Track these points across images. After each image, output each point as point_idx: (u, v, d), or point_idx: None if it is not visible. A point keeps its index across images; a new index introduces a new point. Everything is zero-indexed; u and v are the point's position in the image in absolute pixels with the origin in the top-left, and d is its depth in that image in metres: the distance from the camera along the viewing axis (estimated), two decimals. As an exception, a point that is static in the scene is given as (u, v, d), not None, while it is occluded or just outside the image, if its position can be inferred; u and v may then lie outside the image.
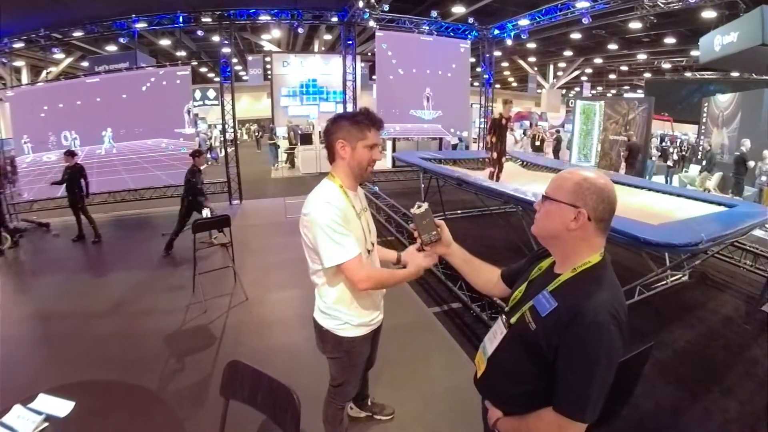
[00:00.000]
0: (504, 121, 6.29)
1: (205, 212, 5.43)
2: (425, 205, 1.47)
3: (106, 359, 3.42)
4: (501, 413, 1.27)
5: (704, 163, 9.64)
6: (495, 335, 1.32)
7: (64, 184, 6.67)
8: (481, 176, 6.06)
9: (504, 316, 1.32)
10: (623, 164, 10.06)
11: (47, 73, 11.91)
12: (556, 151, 14.06)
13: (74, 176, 6.63)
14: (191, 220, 5.19)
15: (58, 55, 13.44)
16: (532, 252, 1.42)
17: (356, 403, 2.61)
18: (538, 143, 13.46)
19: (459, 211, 7.59)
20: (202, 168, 6.10)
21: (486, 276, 1.55)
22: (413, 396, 2.90)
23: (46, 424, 1.46)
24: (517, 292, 1.32)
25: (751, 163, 8.52)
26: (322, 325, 1.94)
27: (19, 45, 9.03)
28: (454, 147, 12.48)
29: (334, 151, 1.82)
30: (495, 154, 6.32)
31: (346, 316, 1.89)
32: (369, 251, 1.93)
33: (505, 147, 6.43)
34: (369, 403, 2.64)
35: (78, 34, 8.95)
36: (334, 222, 1.71)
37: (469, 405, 1.41)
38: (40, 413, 1.48)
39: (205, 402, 2.80)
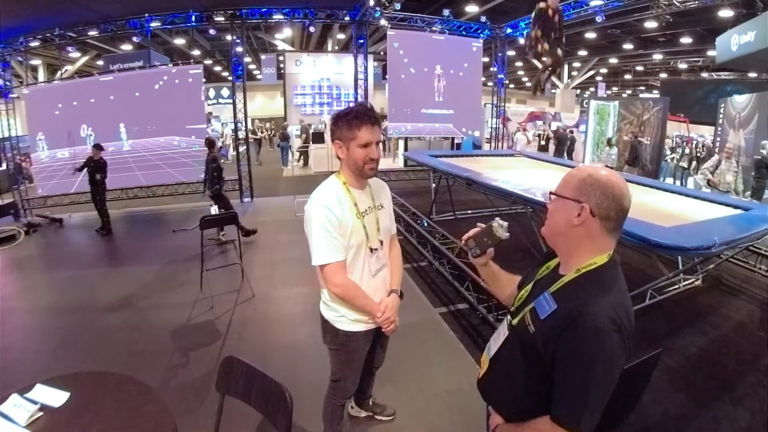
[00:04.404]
0: (551, 13, 4.68)
1: (213, 209, 5.47)
2: (505, 229, 1.38)
3: (112, 352, 3.47)
4: (502, 420, 1.24)
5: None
6: (498, 336, 1.31)
7: (86, 177, 6.97)
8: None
9: (509, 317, 1.29)
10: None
11: (63, 72, 12.09)
12: (570, 151, 13.85)
13: (95, 169, 6.87)
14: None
15: (74, 54, 13.71)
16: (542, 253, 1.39)
17: (357, 402, 2.59)
18: (543, 142, 13.40)
19: (469, 211, 7.53)
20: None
21: (510, 289, 1.49)
22: (415, 396, 2.88)
23: (40, 414, 1.47)
24: (523, 292, 1.28)
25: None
26: (324, 315, 2.02)
27: (35, 43, 9.18)
28: (458, 147, 12.37)
29: (335, 151, 1.88)
30: (548, 60, 4.66)
31: (343, 309, 1.94)
32: (374, 249, 1.93)
33: (558, 56, 4.73)
34: (370, 403, 2.62)
35: (93, 33, 9.07)
36: (324, 226, 1.77)
37: (471, 407, 1.38)
38: (35, 402, 1.50)
39: (206, 397, 2.82)
